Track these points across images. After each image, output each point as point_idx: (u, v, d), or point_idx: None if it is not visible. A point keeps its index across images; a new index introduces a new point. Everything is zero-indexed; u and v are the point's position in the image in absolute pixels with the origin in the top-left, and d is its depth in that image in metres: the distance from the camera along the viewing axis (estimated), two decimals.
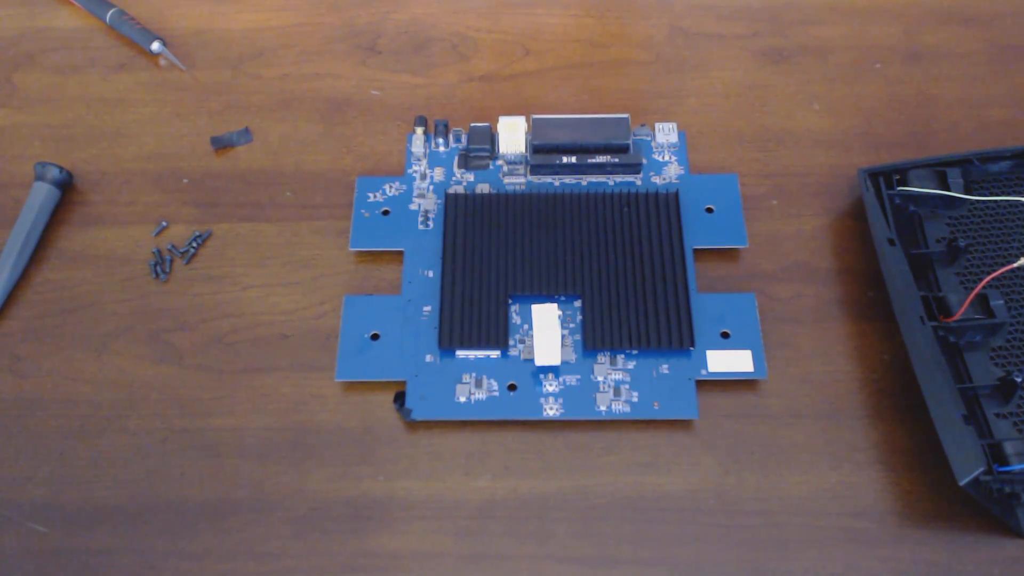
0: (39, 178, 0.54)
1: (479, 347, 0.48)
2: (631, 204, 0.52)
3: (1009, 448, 0.42)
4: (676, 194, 0.52)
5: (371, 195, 0.53)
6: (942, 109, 0.57)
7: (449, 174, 0.54)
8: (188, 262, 0.52)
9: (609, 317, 0.49)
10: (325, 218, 0.54)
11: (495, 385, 0.47)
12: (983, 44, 0.60)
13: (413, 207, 0.53)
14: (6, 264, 0.51)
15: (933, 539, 0.44)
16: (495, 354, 0.48)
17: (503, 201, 0.52)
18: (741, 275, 0.51)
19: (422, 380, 0.47)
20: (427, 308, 0.50)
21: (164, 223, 0.54)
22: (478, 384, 0.47)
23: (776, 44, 0.60)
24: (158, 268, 0.52)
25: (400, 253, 0.52)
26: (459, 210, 0.52)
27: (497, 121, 0.54)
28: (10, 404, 0.48)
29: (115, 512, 0.45)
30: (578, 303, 0.49)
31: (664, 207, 0.52)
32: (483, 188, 0.54)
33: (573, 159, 0.53)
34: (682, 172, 0.54)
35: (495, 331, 0.48)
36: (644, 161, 0.54)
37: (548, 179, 0.54)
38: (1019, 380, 0.44)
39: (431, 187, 0.54)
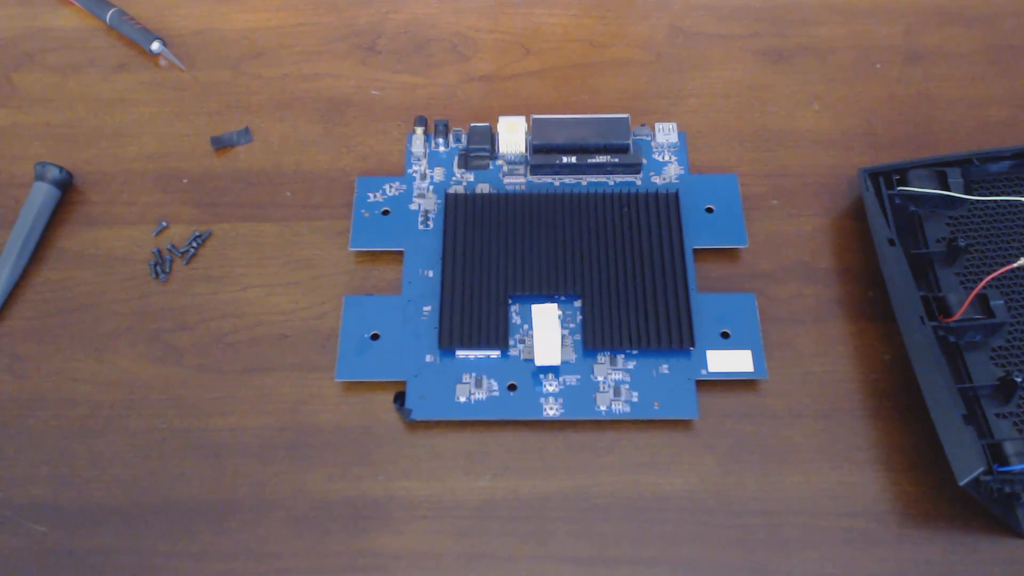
0: (39, 178, 0.54)
1: (479, 347, 0.48)
2: (631, 204, 0.52)
3: (1009, 448, 0.42)
4: (676, 194, 0.52)
5: (371, 195, 0.53)
6: (942, 109, 0.57)
7: (449, 174, 0.54)
8: (188, 262, 0.52)
9: (609, 317, 0.49)
10: (325, 218, 0.54)
11: (495, 385, 0.47)
12: (983, 44, 0.60)
13: (413, 207, 0.53)
14: (6, 264, 0.51)
15: (933, 539, 0.44)
16: (495, 354, 0.48)
17: (503, 201, 0.52)
18: (741, 275, 0.51)
19: (422, 380, 0.47)
20: (427, 308, 0.50)
21: (164, 223, 0.54)
22: (478, 384, 0.47)
23: (776, 44, 0.60)
24: (158, 268, 0.52)
25: (400, 253, 0.52)
26: (459, 210, 0.52)
27: (497, 121, 0.54)
28: (10, 404, 0.48)
29: (115, 512, 0.45)
30: (578, 303, 0.49)
31: (664, 207, 0.52)
32: (483, 188, 0.54)
33: (573, 159, 0.53)
34: (682, 172, 0.54)
35: (495, 331, 0.48)
36: (644, 161, 0.54)
37: (548, 179, 0.54)
38: (1019, 380, 0.44)
39: (431, 187, 0.54)
